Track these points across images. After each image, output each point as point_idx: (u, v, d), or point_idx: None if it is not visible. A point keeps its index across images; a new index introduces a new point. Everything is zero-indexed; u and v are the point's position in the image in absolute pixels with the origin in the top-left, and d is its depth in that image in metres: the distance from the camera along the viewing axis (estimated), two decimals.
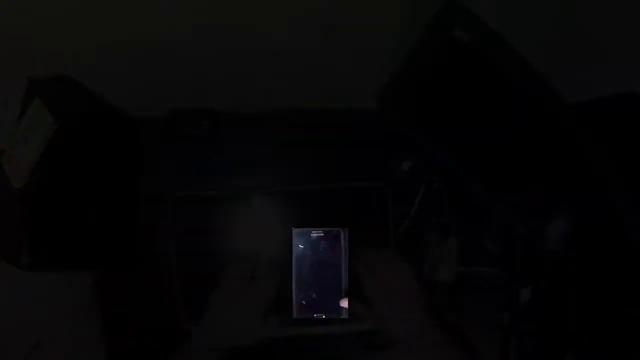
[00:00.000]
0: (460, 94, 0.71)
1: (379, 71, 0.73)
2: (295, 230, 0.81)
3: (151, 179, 0.90)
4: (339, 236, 0.81)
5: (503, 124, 0.72)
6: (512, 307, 0.85)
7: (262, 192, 0.87)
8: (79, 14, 0.64)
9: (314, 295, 0.80)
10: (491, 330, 0.85)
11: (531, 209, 0.74)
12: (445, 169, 0.79)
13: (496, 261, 0.87)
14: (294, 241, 0.81)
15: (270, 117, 0.91)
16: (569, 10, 0.67)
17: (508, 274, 0.86)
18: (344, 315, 0.79)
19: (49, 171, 0.67)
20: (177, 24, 0.68)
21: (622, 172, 0.69)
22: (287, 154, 0.90)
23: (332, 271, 0.80)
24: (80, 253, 0.75)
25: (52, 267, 0.71)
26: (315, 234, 0.81)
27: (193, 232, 0.86)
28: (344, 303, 0.79)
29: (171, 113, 0.89)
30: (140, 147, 0.91)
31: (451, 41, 0.67)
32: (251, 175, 0.90)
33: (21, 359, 0.72)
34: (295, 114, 0.91)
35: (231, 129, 0.91)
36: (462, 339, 0.73)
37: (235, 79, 0.81)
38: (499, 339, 0.85)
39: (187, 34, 0.70)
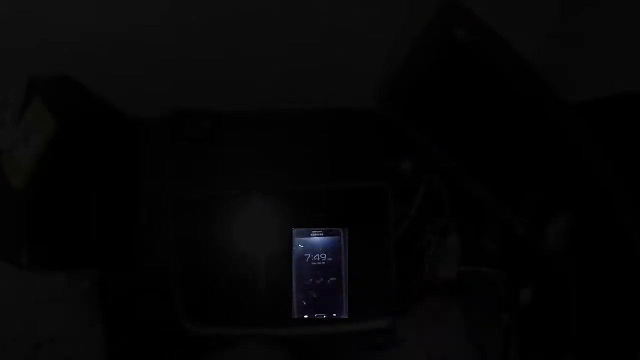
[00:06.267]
0: (459, 94, 0.71)
1: (379, 71, 0.73)
2: (295, 230, 0.81)
3: (151, 179, 0.90)
4: (339, 236, 0.81)
5: (503, 123, 0.72)
6: (512, 307, 0.85)
7: (262, 192, 0.87)
8: (79, 15, 0.65)
9: (314, 295, 0.80)
10: (491, 330, 0.85)
11: (531, 209, 0.74)
12: (445, 169, 0.79)
13: (496, 261, 0.87)
14: (294, 241, 0.81)
15: (270, 117, 0.91)
16: (568, 11, 0.67)
17: (508, 274, 0.86)
18: (344, 315, 0.79)
19: (49, 171, 0.67)
20: (177, 25, 0.68)
21: (622, 172, 0.69)
22: (287, 154, 0.90)
23: (332, 271, 0.80)
24: (80, 253, 0.75)
25: (52, 267, 0.71)
26: (315, 234, 0.81)
27: (193, 232, 0.86)
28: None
29: (172, 113, 0.89)
30: (140, 147, 0.91)
31: (451, 41, 0.67)
32: (251, 175, 0.90)
33: (21, 359, 0.73)
34: (296, 114, 0.91)
35: (231, 129, 0.91)
36: None
37: (235, 79, 0.81)
38: (499, 339, 0.85)
39: (187, 35, 0.70)
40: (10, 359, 0.73)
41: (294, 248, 0.80)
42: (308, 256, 0.81)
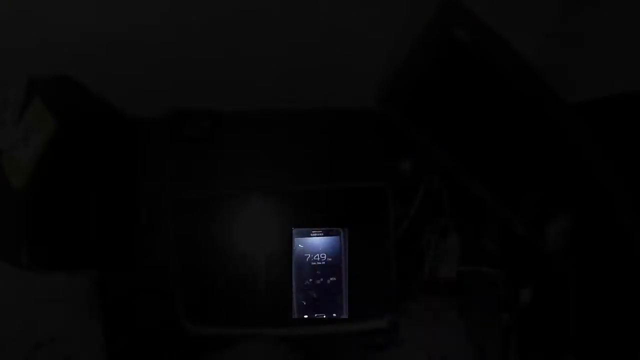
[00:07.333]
0: (459, 94, 0.71)
1: (379, 71, 0.73)
2: (295, 230, 0.81)
3: (151, 179, 0.90)
4: (339, 236, 0.81)
5: (503, 123, 0.72)
6: (512, 307, 0.85)
7: (262, 192, 0.87)
8: (79, 15, 0.65)
9: (314, 295, 0.80)
10: (491, 330, 0.85)
11: (531, 209, 0.74)
12: (445, 169, 0.79)
13: (496, 261, 0.87)
14: (294, 241, 0.81)
15: (270, 117, 0.91)
16: (568, 11, 0.67)
17: (508, 274, 0.86)
18: (344, 315, 0.79)
19: (49, 171, 0.67)
20: (177, 25, 0.68)
21: (622, 172, 0.69)
22: (287, 153, 0.90)
23: (332, 271, 0.80)
24: (80, 253, 0.75)
25: (52, 267, 0.71)
26: (315, 234, 0.81)
27: (193, 232, 0.86)
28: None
29: (172, 113, 0.89)
30: (140, 147, 0.91)
31: (451, 41, 0.67)
32: (251, 175, 0.90)
33: (21, 359, 0.73)
34: (296, 114, 0.91)
35: (231, 129, 0.91)
36: None
37: (235, 79, 0.81)
38: (499, 339, 0.85)
39: (187, 35, 0.70)
40: (10, 359, 0.73)
41: (294, 248, 0.81)
42: (308, 256, 0.81)
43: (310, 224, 0.81)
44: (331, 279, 0.80)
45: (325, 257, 0.81)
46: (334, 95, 0.87)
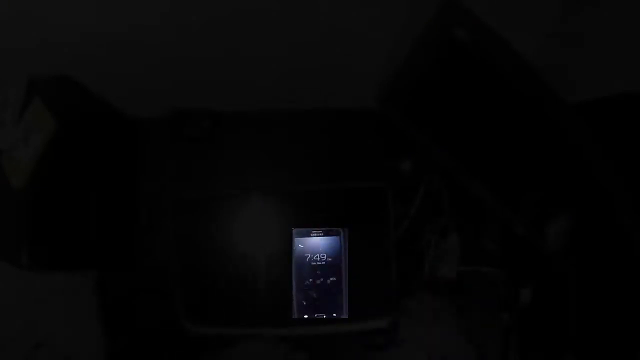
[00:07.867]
0: (459, 94, 0.71)
1: (379, 71, 0.73)
2: (295, 230, 0.81)
3: (151, 179, 0.90)
4: (339, 236, 0.81)
5: (503, 123, 0.72)
6: (512, 307, 0.85)
7: (262, 192, 0.87)
8: (79, 15, 0.65)
9: (314, 295, 0.80)
10: (491, 330, 0.85)
11: (531, 209, 0.74)
12: (445, 169, 0.79)
13: (496, 261, 0.87)
14: (294, 241, 0.81)
15: (270, 117, 0.91)
16: (568, 11, 0.67)
17: (508, 274, 0.86)
18: (344, 315, 0.79)
19: (49, 171, 0.67)
20: (177, 25, 0.68)
21: (622, 172, 0.69)
22: (287, 153, 0.90)
23: (332, 271, 0.80)
24: (80, 253, 0.75)
25: (52, 267, 0.71)
26: (315, 234, 0.81)
27: (193, 232, 0.86)
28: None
29: (172, 113, 0.89)
30: (140, 147, 0.91)
31: (451, 41, 0.67)
32: (251, 175, 0.90)
33: (21, 359, 0.73)
34: (296, 114, 0.91)
35: (231, 129, 0.91)
36: None
37: (235, 79, 0.81)
38: (499, 339, 0.85)
39: (187, 35, 0.70)
40: (10, 359, 0.73)
41: (294, 248, 0.81)
42: (308, 256, 0.81)
43: (310, 224, 0.81)
44: (331, 279, 0.80)
45: (325, 257, 0.81)
46: (334, 95, 0.87)
